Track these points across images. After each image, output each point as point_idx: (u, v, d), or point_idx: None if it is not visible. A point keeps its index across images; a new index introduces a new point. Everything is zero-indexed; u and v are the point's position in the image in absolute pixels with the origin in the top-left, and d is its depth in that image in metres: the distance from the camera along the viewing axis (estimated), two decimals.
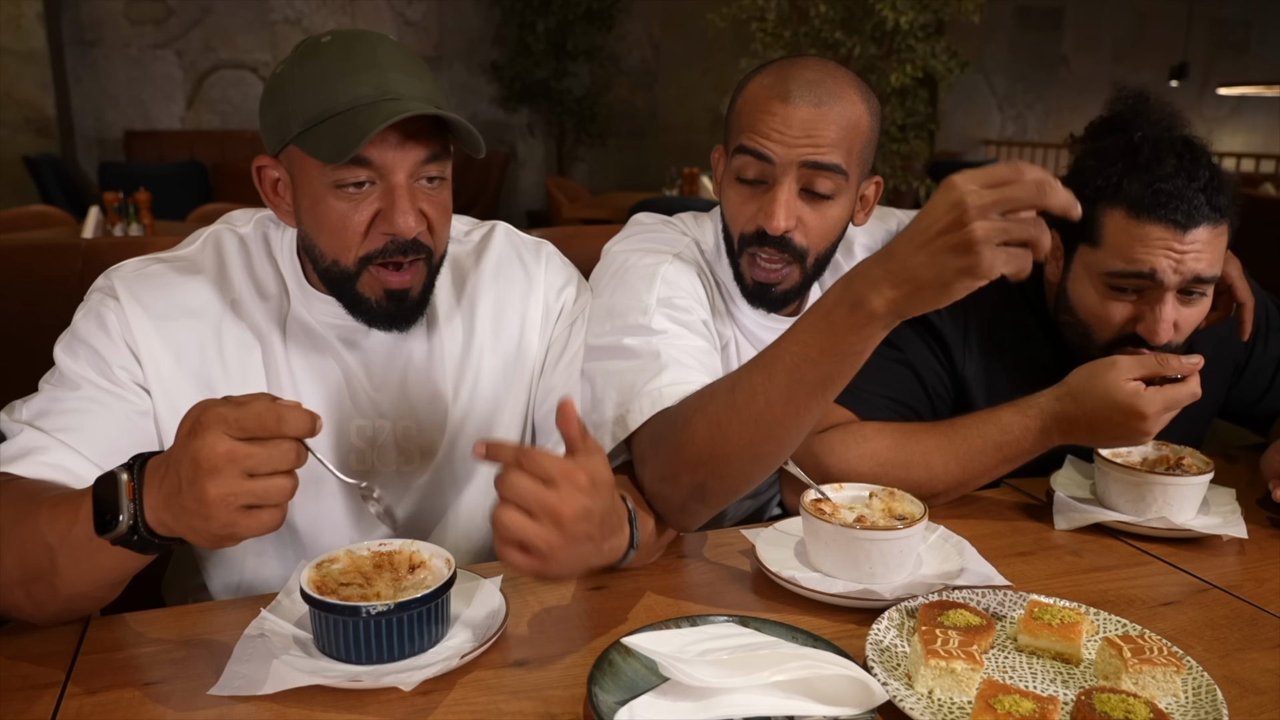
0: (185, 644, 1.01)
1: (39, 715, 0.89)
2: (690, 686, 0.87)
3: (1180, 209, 1.30)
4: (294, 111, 1.10)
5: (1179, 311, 1.35)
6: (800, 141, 1.27)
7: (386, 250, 1.14)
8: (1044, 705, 0.85)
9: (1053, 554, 1.27)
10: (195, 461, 0.81)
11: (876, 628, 1.01)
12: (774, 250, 1.32)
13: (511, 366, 1.34)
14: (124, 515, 0.87)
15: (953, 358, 1.48)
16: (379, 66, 1.09)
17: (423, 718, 0.89)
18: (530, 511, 0.86)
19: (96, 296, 1.20)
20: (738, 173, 1.33)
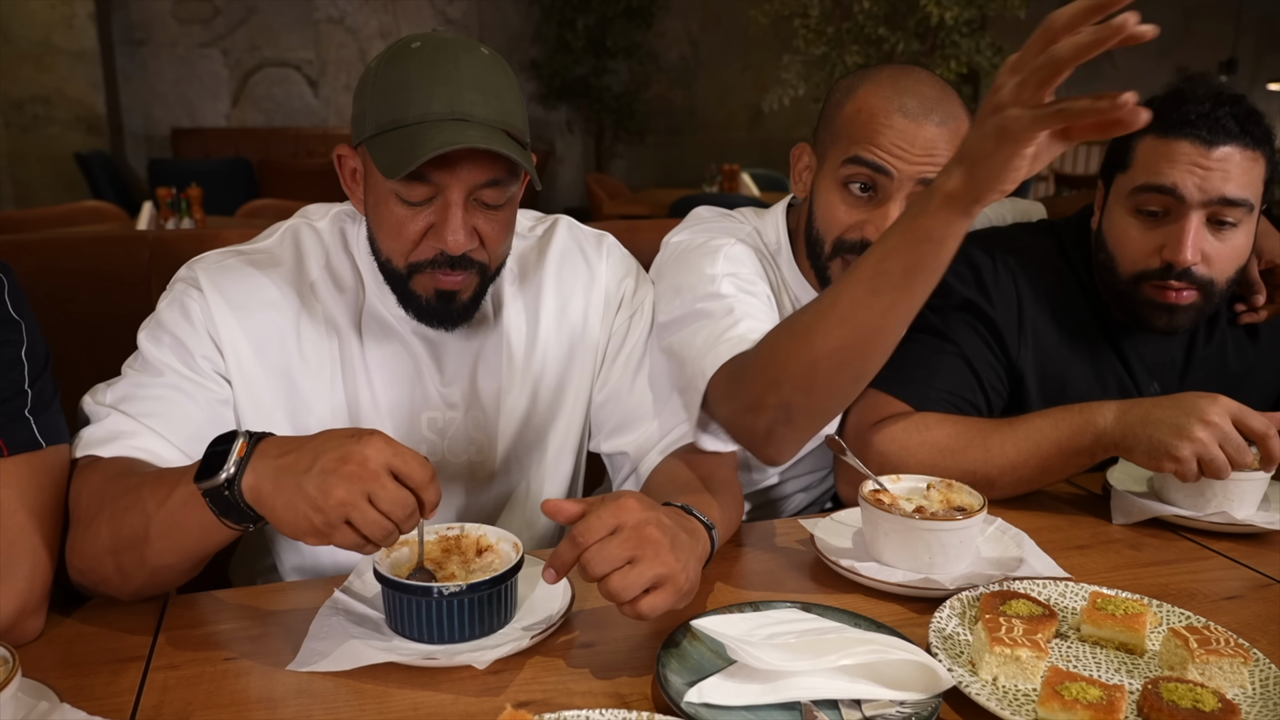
0: (260, 622, 1.05)
1: (126, 686, 0.92)
2: (757, 669, 0.89)
3: (1206, 125, 1.29)
4: (371, 113, 1.13)
5: (1208, 241, 1.33)
6: (922, 160, 1.27)
7: (436, 262, 1.16)
8: (1111, 693, 0.85)
9: (1111, 548, 1.27)
10: (342, 458, 0.87)
11: (939, 616, 1.02)
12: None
13: (575, 356, 1.36)
14: (227, 468, 0.91)
15: (1007, 349, 1.48)
16: (457, 83, 1.09)
17: (494, 696, 0.91)
18: (629, 562, 0.90)
19: (180, 286, 1.23)
20: (846, 180, 1.33)
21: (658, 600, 0.91)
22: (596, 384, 1.38)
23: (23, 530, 1.01)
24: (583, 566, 0.91)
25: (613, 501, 0.93)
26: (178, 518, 0.97)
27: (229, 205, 5.21)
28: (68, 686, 0.89)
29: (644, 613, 0.91)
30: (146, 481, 1.01)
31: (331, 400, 1.25)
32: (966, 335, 1.47)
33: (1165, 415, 1.24)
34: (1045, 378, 1.48)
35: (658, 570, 0.90)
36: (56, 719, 0.84)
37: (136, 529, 0.98)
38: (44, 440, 1.06)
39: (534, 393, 1.33)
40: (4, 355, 1.07)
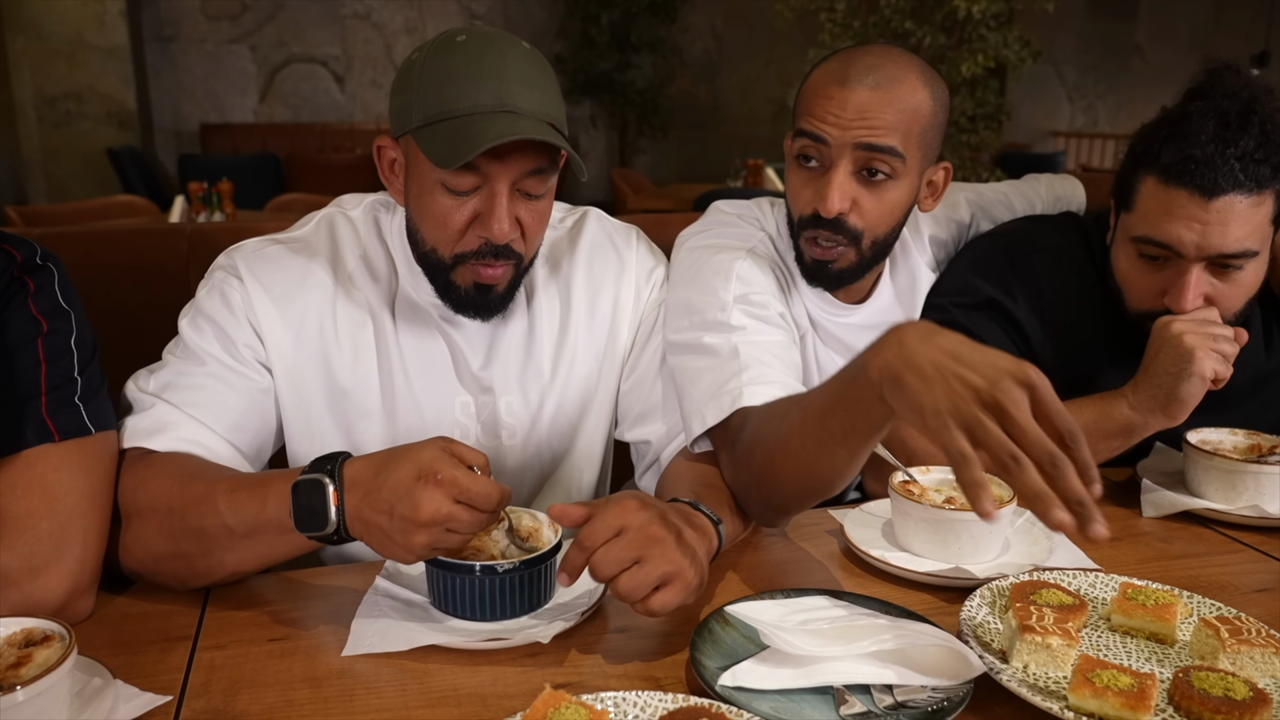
0: (302, 604, 1.07)
1: (174, 664, 0.95)
2: (790, 654, 0.90)
3: (1207, 176, 1.26)
4: (418, 104, 1.14)
5: (1212, 284, 1.33)
6: (855, 124, 1.27)
7: (480, 252, 1.19)
8: (1142, 680, 0.86)
9: (1141, 540, 1.27)
10: (415, 510, 0.90)
11: (969, 604, 1.03)
12: (829, 232, 1.32)
13: (605, 344, 1.38)
14: (332, 519, 0.96)
15: (1033, 346, 1.48)
16: (504, 77, 1.12)
17: (530, 677, 0.93)
18: (637, 562, 0.93)
19: (220, 275, 1.25)
20: (797, 154, 1.35)
21: (667, 597, 0.93)
22: (624, 372, 1.40)
23: (74, 514, 1.03)
24: (591, 569, 0.93)
25: (615, 504, 0.95)
26: (263, 533, 1.01)
27: (258, 200, 5.27)
28: (118, 664, 0.92)
29: (655, 610, 0.93)
30: (220, 494, 1.02)
31: (368, 387, 1.28)
32: (992, 333, 1.47)
33: (1162, 364, 1.29)
34: (1072, 376, 1.48)
35: (664, 568, 0.92)
36: (110, 694, 0.86)
37: (213, 537, 1.02)
38: (93, 426, 1.09)
39: (566, 379, 1.36)
40: (54, 344, 1.10)
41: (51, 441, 1.05)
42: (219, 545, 1.03)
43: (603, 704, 0.83)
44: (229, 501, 1.01)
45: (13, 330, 1.08)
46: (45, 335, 1.10)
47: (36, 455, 1.04)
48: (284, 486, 0.98)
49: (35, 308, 1.10)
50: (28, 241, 1.14)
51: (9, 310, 1.09)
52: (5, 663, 0.82)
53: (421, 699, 0.90)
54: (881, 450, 1.25)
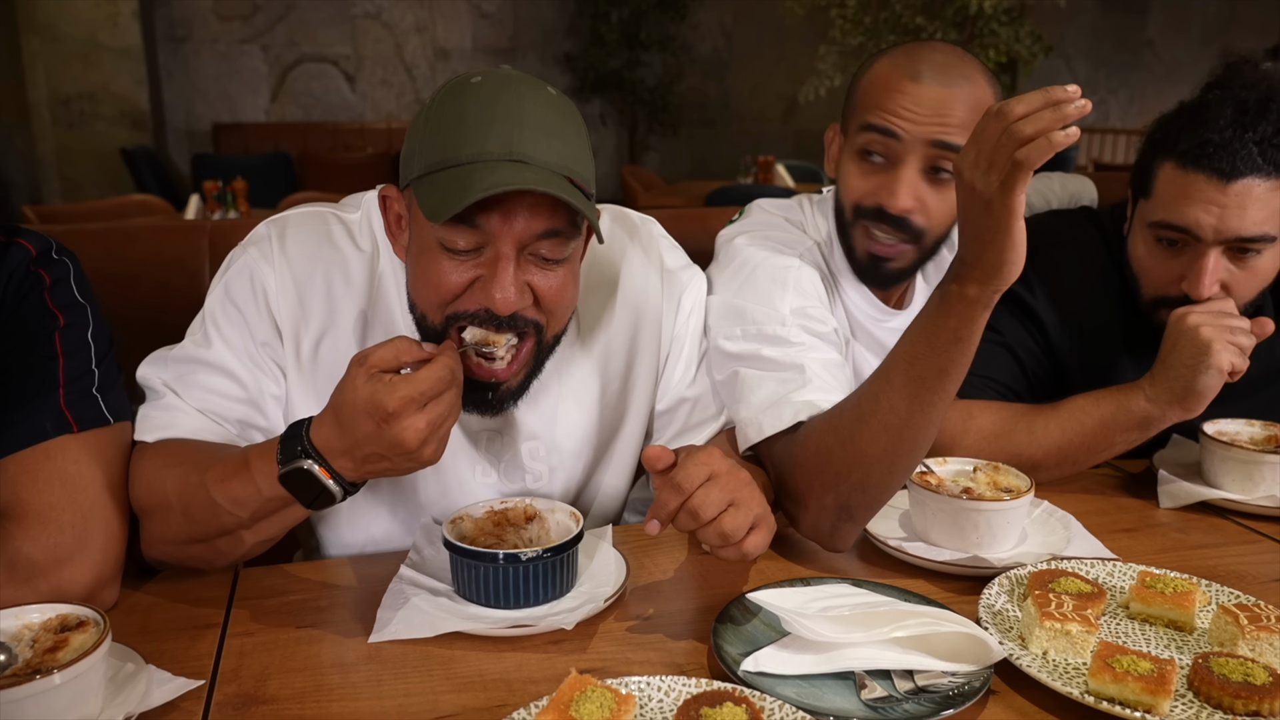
0: (327, 594, 1.09)
1: (204, 651, 0.97)
2: (811, 640, 0.91)
3: (1225, 159, 1.27)
4: (421, 152, 1.03)
5: (1229, 270, 1.33)
6: (929, 120, 1.25)
7: (478, 316, 1.04)
8: (1162, 666, 0.87)
9: (1158, 530, 1.28)
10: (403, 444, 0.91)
11: (988, 592, 1.04)
12: (891, 228, 1.30)
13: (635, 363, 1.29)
14: (335, 491, 0.96)
15: (1049, 338, 1.49)
16: (517, 121, 0.98)
17: (555, 662, 0.94)
18: (731, 505, 0.96)
19: (254, 253, 1.17)
20: (862, 147, 1.30)
21: (759, 539, 0.98)
22: (660, 391, 1.33)
23: (96, 504, 1.05)
24: (689, 513, 0.95)
25: (701, 452, 0.98)
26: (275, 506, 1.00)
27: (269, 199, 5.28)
28: (149, 651, 0.94)
29: (749, 551, 0.97)
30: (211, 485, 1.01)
31: None
32: (1011, 325, 1.49)
33: (1179, 357, 1.28)
34: (1089, 368, 1.49)
35: (756, 510, 0.97)
36: (144, 678, 0.88)
37: (227, 523, 1.02)
38: (111, 417, 1.10)
39: (593, 409, 1.28)
40: (72, 337, 1.11)
41: (70, 432, 1.06)
42: (232, 529, 1.03)
43: (627, 688, 0.84)
44: (222, 493, 1.01)
45: (30, 323, 1.09)
46: (62, 329, 1.11)
47: (56, 447, 1.05)
48: (265, 466, 0.97)
49: (51, 301, 1.11)
50: (44, 237, 1.16)
51: (26, 303, 1.10)
52: (42, 647, 0.84)
53: (448, 684, 0.91)
54: None
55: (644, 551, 1.18)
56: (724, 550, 0.98)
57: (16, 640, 0.86)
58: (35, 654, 0.84)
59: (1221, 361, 1.25)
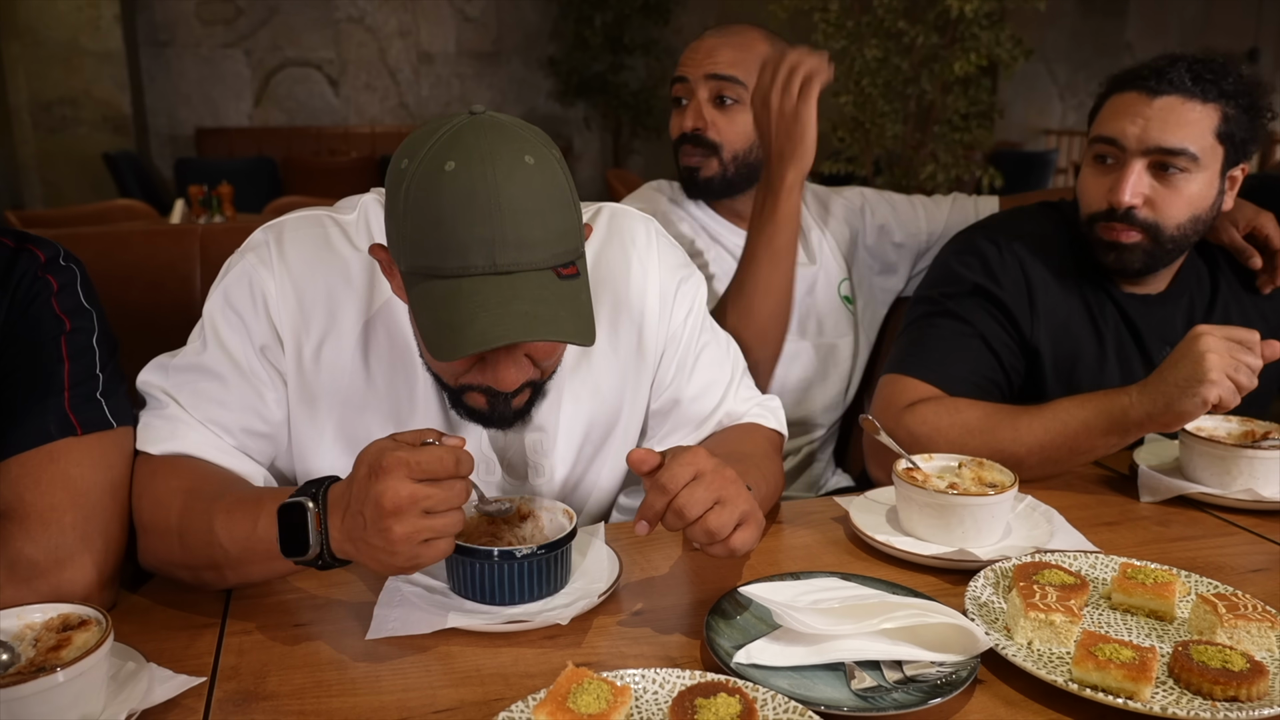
0: (324, 591, 1.10)
1: (203, 649, 0.98)
2: (802, 633, 0.93)
3: (1154, 78, 1.40)
4: (406, 242, 1.00)
5: (1153, 187, 1.42)
6: (704, 62, 1.69)
7: (486, 390, 1.08)
8: (1143, 654, 0.89)
9: (1139, 524, 1.31)
10: (379, 505, 0.89)
11: (974, 585, 1.06)
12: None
13: (631, 362, 1.31)
14: (313, 544, 0.95)
15: (1020, 328, 1.54)
16: (498, 221, 0.96)
17: (550, 657, 0.96)
18: (717, 503, 0.98)
19: (252, 259, 1.18)
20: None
21: (747, 535, 0.99)
22: (654, 390, 1.35)
23: (97, 507, 1.06)
24: (675, 512, 0.97)
25: (685, 451, 1.00)
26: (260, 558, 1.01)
27: (254, 203, 5.27)
28: (148, 650, 0.94)
29: (736, 548, 0.99)
30: (217, 512, 1.03)
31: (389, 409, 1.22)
32: (981, 318, 1.53)
33: (1177, 374, 1.27)
34: (1058, 353, 1.54)
35: (742, 508, 0.99)
36: (145, 676, 0.89)
37: (215, 558, 1.03)
38: (114, 421, 1.11)
39: (592, 405, 1.30)
40: (77, 341, 1.12)
41: (74, 435, 1.07)
42: (220, 564, 1.03)
43: (623, 680, 0.86)
44: (225, 523, 1.01)
45: (37, 328, 1.11)
46: (68, 333, 1.12)
47: (60, 449, 1.06)
48: (274, 508, 0.97)
49: (58, 306, 1.12)
50: (52, 244, 1.17)
51: (33, 308, 1.11)
52: (45, 646, 0.85)
53: (446, 679, 0.92)
54: (884, 438, 1.29)
55: (636, 549, 1.20)
56: (712, 547, 0.99)
57: (19, 639, 0.87)
58: (38, 653, 0.85)
59: (1210, 394, 1.24)
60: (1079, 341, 1.54)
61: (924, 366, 1.50)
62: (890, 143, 4.75)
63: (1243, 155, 1.46)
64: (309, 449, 1.23)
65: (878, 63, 4.57)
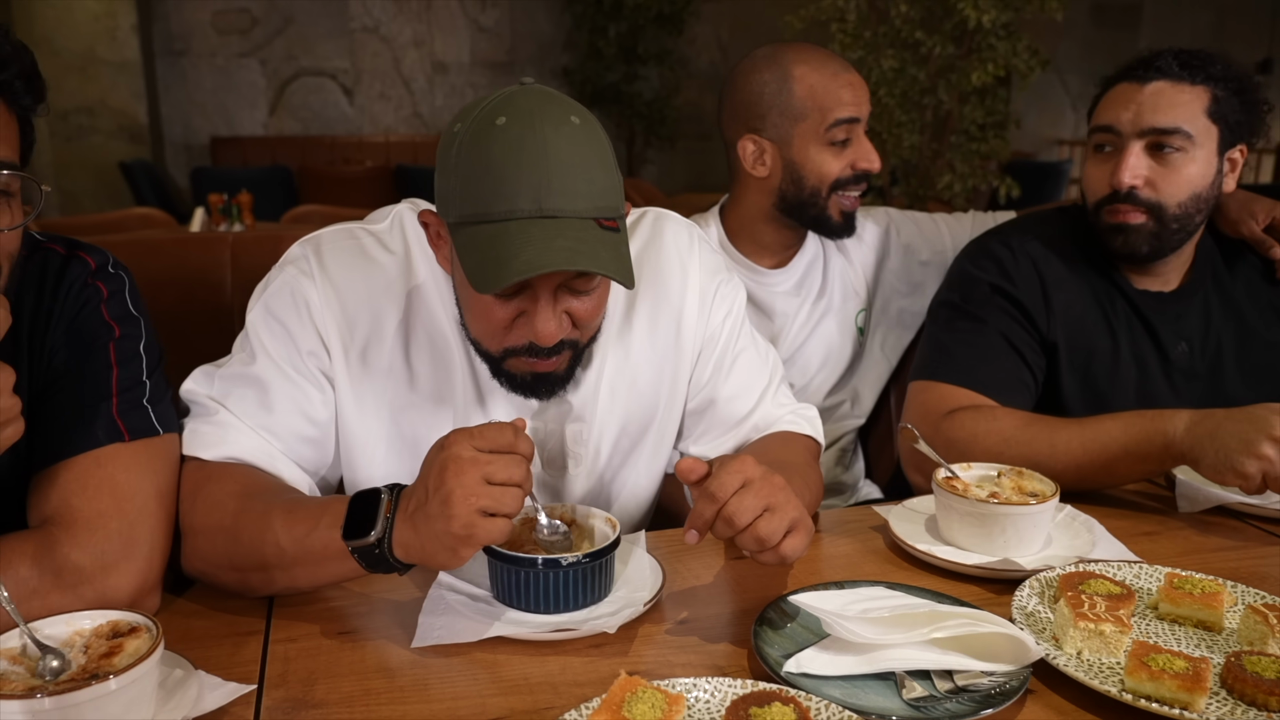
0: (365, 599, 1.10)
1: (249, 657, 0.98)
2: (852, 642, 0.93)
3: (1143, 67, 1.47)
4: (455, 197, 1.06)
5: (1151, 167, 1.47)
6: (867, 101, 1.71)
7: (530, 349, 1.12)
8: (1196, 664, 0.88)
9: (1179, 534, 1.30)
10: (443, 466, 0.91)
11: (1020, 594, 1.06)
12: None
13: (669, 359, 1.33)
14: (377, 528, 0.97)
15: (1037, 325, 1.56)
16: (545, 170, 1.01)
17: (598, 666, 0.96)
18: (766, 510, 0.98)
19: (292, 271, 1.21)
20: (833, 139, 1.68)
21: (798, 542, 1.00)
22: (691, 389, 1.36)
23: (142, 512, 1.06)
24: (725, 520, 0.97)
25: (733, 459, 1.00)
26: (315, 557, 1.02)
27: (271, 212, 5.30)
28: (194, 657, 0.94)
29: (787, 555, 0.99)
30: (277, 514, 1.04)
31: (436, 406, 1.25)
32: (1000, 318, 1.55)
33: (1235, 429, 1.24)
34: (1074, 349, 1.56)
35: (792, 514, 0.99)
36: (195, 684, 0.89)
37: (268, 558, 1.03)
38: (161, 428, 1.12)
39: (629, 399, 1.31)
40: (125, 348, 1.13)
41: (121, 441, 1.08)
42: (272, 565, 1.04)
43: (676, 689, 0.86)
44: (285, 522, 1.03)
45: (87, 334, 1.11)
46: (117, 340, 1.13)
47: (106, 455, 1.07)
48: (342, 507, 1.00)
49: (107, 313, 1.13)
50: (101, 250, 1.18)
51: (83, 314, 1.12)
52: (97, 653, 0.85)
53: (494, 688, 0.92)
54: (923, 446, 1.28)
55: (676, 557, 1.20)
56: (763, 555, 0.99)
57: (69, 646, 0.87)
58: (90, 659, 0.85)
59: (1246, 470, 1.22)
60: (1093, 337, 1.56)
61: (954, 371, 1.50)
62: (907, 153, 4.74)
63: (1239, 137, 1.50)
64: (356, 451, 1.25)
65: (895, 73, 4.57)
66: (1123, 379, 1.55)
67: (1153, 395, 1.55)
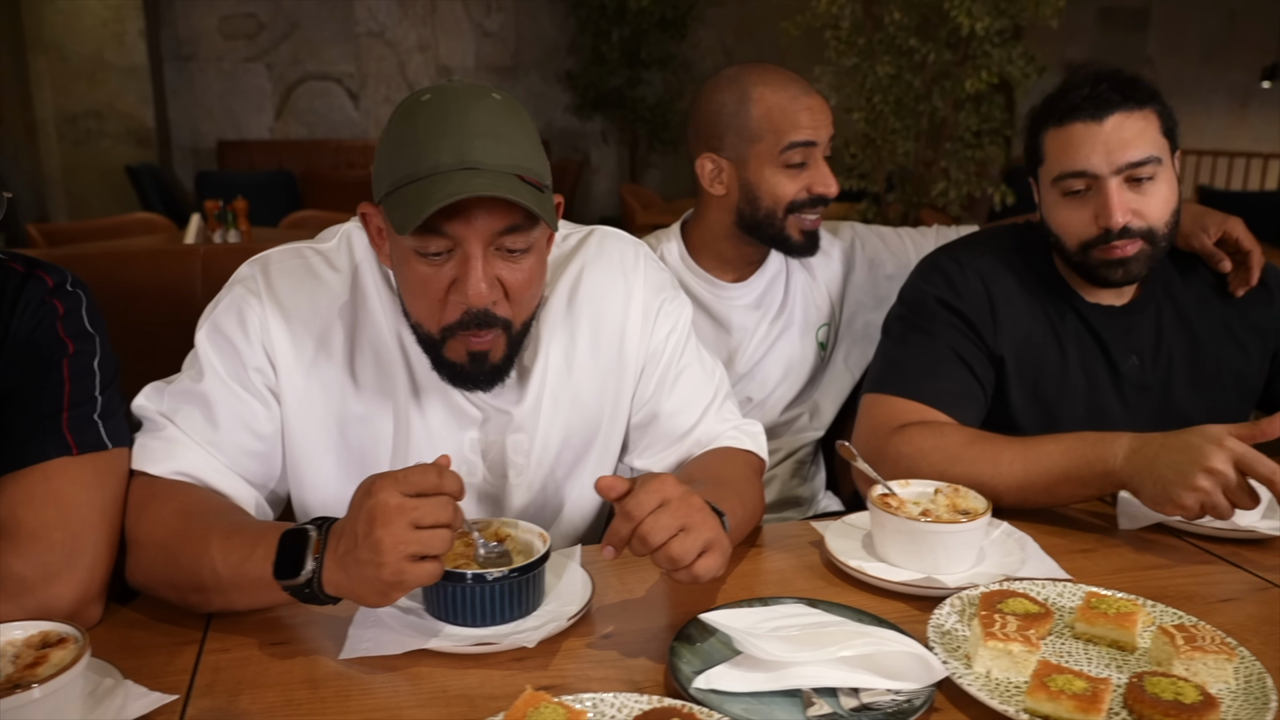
0: (303, 611, 1.12)
1: (182, 666, 1.01)
2: (762, 659, 0.95)
3: (1090, 105, 1.45)
4: (385, 170, 1.12)
5: (1132, 198, 1.46)
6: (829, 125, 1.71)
7: (464, 323, 1.15)
8: (1096, 685, 0.90)
9: (1115, 551, 1.31)
10: (371, 515, 0.93)
11: (938, 612, 1.08)
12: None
13: (612, 374, 1.36)
14: (307, 568, 0.98)
15: (984, 339, 1.58)
16: (465, 132, 1.08)
17: (516, 679, 0.98)
18: (681, 530, 1.00)
19: (239, 290, 1.24)
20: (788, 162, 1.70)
21: (710, 562, 1.01)
22: (635, 404, 1.39)
23: (86, 525, 1.09)
24: (640, 539, 0.99)
25: (653, 479, 1.02)
26: (250, 585, 1.03)
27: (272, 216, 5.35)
28: (128, 666, 0.97)
29: (699, 575, 1.01)
30: (215, 535, 1.06)
31: (381, 418, 1.28)
32: (949, 332, 1.57)
33: (1170, 460, 1.25)
34: (1021, 362, 1.58)
35: (707, 535, 1.01)
36: (121, 693, 0.92)
37: (205, 581, 1.05)
38: (110, 442, 1.15)
39: (571, 413, 1.34)
40: (79, 364, 1.16)
41: (69, 455, 1.11)
42: (209, 587, 1.06)
43: (581, 704, 0.88)
44: (222, 547, 1.04)
45: (41, 350, 1.15)
46: (71, 356, 1.16)
47: (54, 468, 1.10)
48: (274, 538, 1.01)
49: (63, 330, 1.17)
50: (59, 269, 1.21)
51: (38, 332, 1.15)
52: (23, 663, 0.88)
53: (412, 699, 0.95)
54: (860, 464, 1.30)
55: (614, 571, 1.22)
56: (676, 574, 1.02)
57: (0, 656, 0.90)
58: (16, 669, 0.88)
59: (1185, 501, 1.24)
60: (1041, 351, 1.58)
61: (903, 384, 1.52)
62: (902, 159, 4.75)
63: (1176, 145, 1.53)
64: (304, 465, 1.28)
65: (890, 79, 4.58)
66: (1071, 392, 1.56)
67: (1102, 408, 1.56)
